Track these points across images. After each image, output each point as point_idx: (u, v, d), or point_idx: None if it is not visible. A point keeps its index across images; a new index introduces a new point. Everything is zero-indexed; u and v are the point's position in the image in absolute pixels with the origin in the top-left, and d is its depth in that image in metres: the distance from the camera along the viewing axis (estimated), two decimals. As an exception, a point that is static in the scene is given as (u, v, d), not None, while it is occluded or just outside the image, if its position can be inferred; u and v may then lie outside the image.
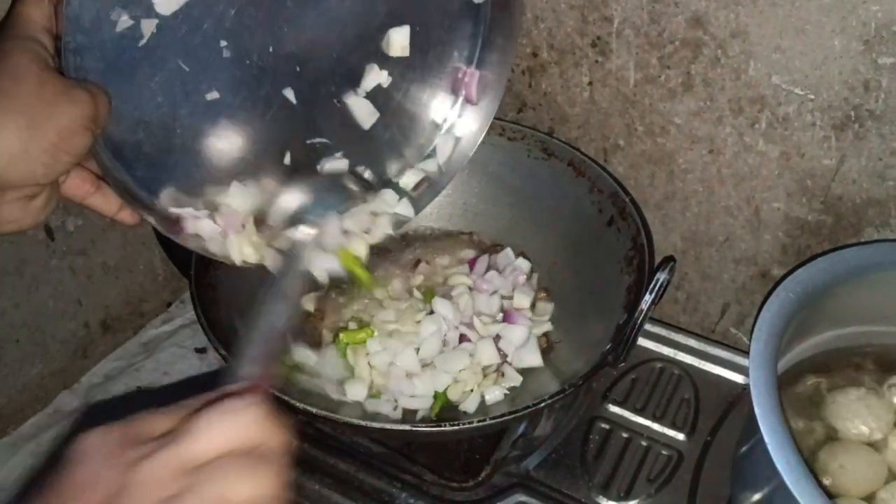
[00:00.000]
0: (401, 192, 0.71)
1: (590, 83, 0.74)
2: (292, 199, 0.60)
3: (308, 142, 0.64)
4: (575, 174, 0.74)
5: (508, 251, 0.78)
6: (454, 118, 0.71)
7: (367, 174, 0.69)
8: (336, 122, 0.65)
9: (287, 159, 0.63)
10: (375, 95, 0.66)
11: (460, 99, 0.71)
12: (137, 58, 0.52)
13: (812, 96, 0.63)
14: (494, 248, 0.79)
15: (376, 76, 0.65)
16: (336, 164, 0.66)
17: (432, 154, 0.72)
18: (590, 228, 0.72)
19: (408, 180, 0.71)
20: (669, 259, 0.60)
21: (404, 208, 0.70)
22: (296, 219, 0.59)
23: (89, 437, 0.35)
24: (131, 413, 0.37)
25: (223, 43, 0.55)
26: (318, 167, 0.65)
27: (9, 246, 0.71)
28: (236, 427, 0.36)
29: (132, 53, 0.52)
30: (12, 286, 0.72)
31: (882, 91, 0.61)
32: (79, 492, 0.33)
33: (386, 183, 0.70)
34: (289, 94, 0.61)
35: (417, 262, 0.79)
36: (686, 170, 0.74)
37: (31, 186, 0.47)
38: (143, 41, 0.51)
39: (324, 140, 0.65)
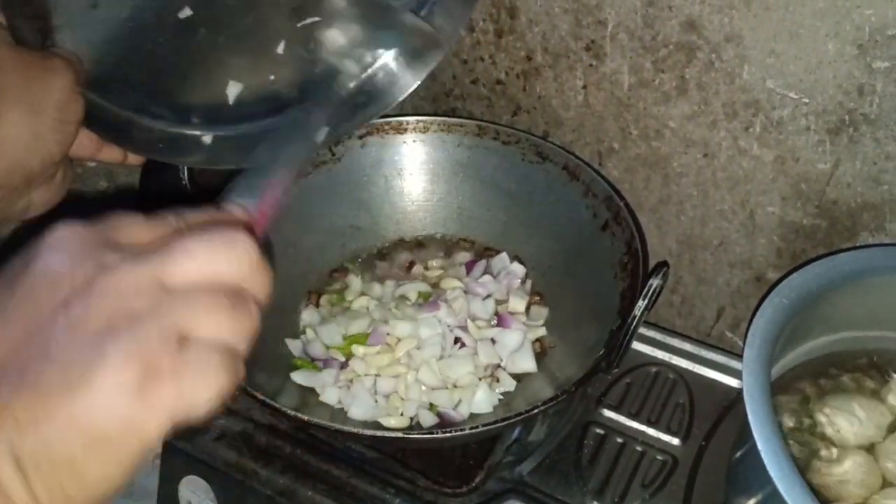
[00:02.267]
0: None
1: (584, 87, 0.74)
2: None
3: (298, 25, 0.62)
4: (569, 178, 0.74)
5: (504, 255, 0.78)
6: None
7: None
8: None
9: (280, 48, 0.62)
10: None
11: None
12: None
13: (806, 100, 0.63)
14: (490, 252, 0.79)
15: None
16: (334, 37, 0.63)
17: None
18: (584, 233, 0.72)
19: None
20: (663, 264, 0.59)
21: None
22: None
23: (62, 230, 0.31)
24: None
25: None
26: (312, 47, 0.63)
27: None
28: (222, 259, 0.31)
29: None
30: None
31: (876, 95, 0.61)
32: (43, 281, 0.30)
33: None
34: None
35: (412, 265, 0.78)
36: (681, 173, 0.74)
37: (51, 167, 0.49)
38: None
39: (314, 18, 0.62)
